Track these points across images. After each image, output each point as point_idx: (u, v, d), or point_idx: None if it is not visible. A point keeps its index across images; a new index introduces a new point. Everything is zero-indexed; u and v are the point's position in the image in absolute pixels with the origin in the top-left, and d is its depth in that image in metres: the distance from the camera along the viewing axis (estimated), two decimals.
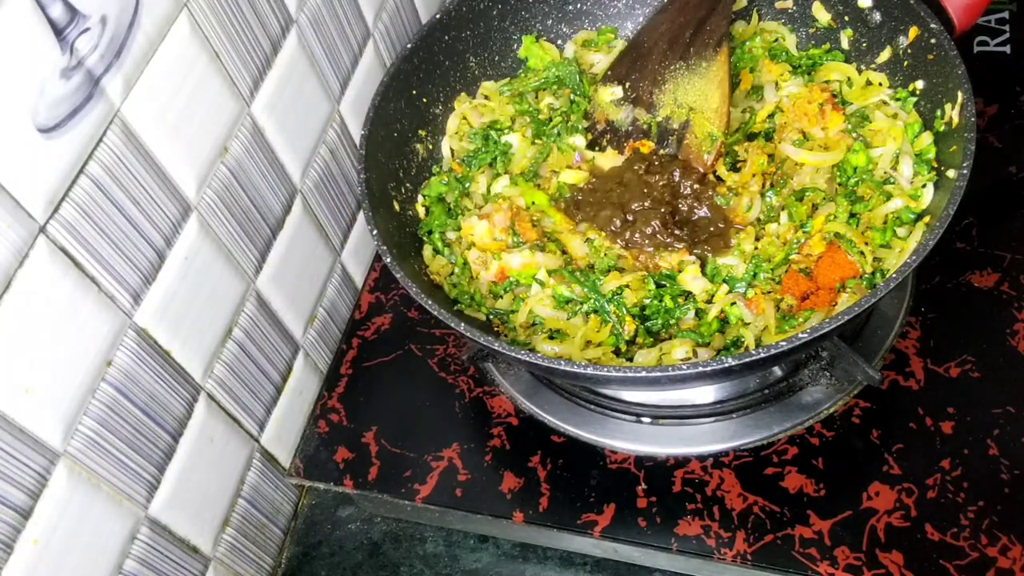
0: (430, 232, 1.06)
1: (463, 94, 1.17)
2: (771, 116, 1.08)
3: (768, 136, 1.07)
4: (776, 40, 1.16)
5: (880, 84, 1.06)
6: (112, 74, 0.76)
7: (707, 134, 1.03)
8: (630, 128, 1.10)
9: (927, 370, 0.98)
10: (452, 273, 1.03)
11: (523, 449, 1.00)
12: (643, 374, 0.79)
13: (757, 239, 0.98)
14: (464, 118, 1.15)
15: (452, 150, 1.15)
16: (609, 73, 1.14)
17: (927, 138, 0.98)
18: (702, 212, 1.01)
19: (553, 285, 0.96)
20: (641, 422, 0.98)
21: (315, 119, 1.08)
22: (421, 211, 1.08)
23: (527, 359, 0.81)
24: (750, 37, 1.16)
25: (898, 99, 1.04)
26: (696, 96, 1.05)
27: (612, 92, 1.11)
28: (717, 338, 0.93)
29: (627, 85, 1.11)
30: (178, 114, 0.84)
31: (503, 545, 1.05)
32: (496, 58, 1.20)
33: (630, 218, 0.99)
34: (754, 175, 1.02)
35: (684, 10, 1.10)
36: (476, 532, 1.06)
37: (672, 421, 0.98)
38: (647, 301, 0.95)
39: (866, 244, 0.93)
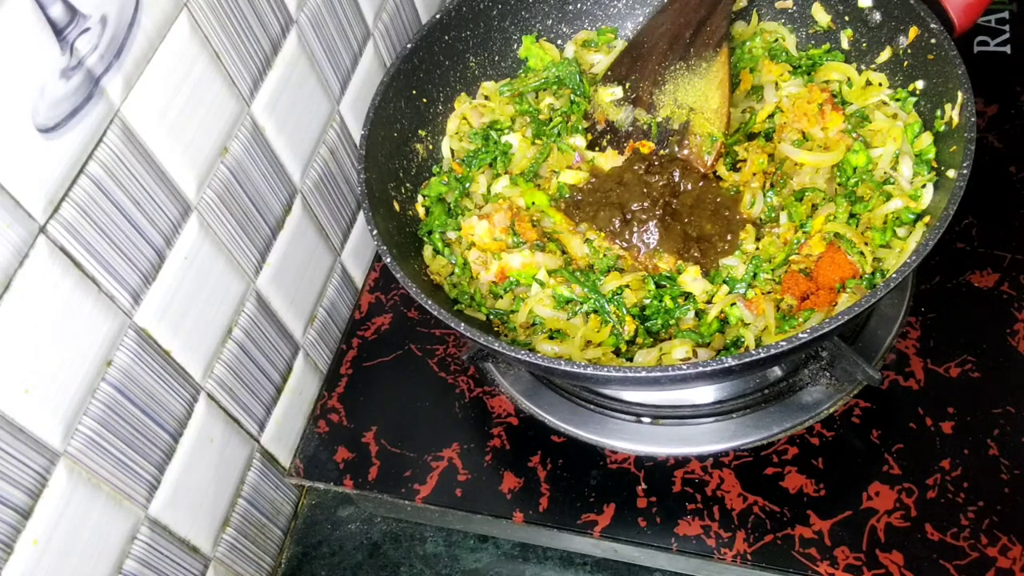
0: (430, 232, 1.06)
1: (463, 94, 1.17)
2: (771, 116, 1.08)
3: (768, 136, 1.07)
4: (776, 40, 1.16)
5: (880, 84, 1.06)
6: (112, 74, 0.76)
7: (707, 134, 1.03)
8: (630, 128, 1.10)
9: (927, 370, 0.98)
10: (452, 273, 1.03)
11: (523, 449, 1.00)
12: (643, 374, 0.79)
13: (758, 239, 0.98)
14: (464, 118, 1.15)
15: (452, 150, 1.15)
16: (609, 73, 1.14)
17: (927, 138, 0.98)
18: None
19: (553, 285, 0.96)
20: (641, 422, 0.98)
21: (315, 119, 1.08)
22: (421, 211, 1.08)
23: (527, 359, 0.81)
24: (750, 37, 1.16)
25: (898, 99, 1.04)
26: (696, 97, 1.05)
27: (612, 92, 1.11)
28: (717, 338, 0.93)
29: (627, 85, 1.11)
30: (178, 114, 0.84)
31: (503, 545, 1.05)
32: (496, 58, 1.20)
33: (629, 217, 0.99)
34: (754, 174, 1.02)
35: (684, 10, 1.10)
36: (476, 532, 1.06)
37: (672, 421, 0.98)
38: (647, 301, 0.95)
39: (866, 244, 0.93)
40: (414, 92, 1.10)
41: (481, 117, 1.15)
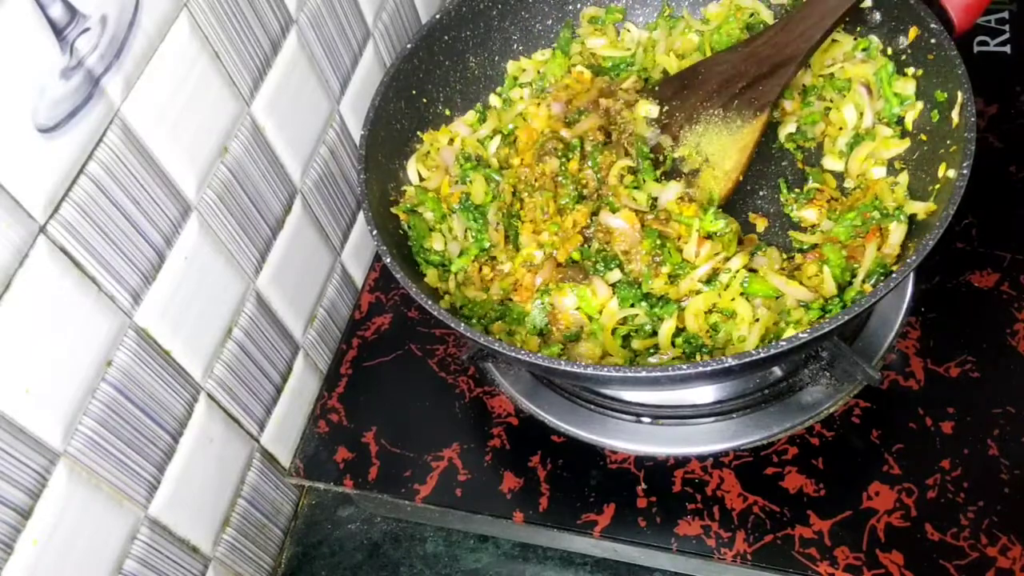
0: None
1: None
2: None
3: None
4: (752, 15, 1.16)
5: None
6: (112, 74, 0.76)
7: (708, 192, 1.02)
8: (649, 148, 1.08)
9: (927, 370, 0.98)
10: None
11: (523, 449, 1.00)
12: (643, 374, 0.79)
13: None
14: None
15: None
16: (656, 89, 1.11)
17: (906, 83, 1.01)
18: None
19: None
20: (641, 422, 0.98)
21: (315, 119, 1.08)
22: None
23: (527, 359, 0.81)
24: (724, 20, 1.15)
25: (864, 48, 1.07)
26: (716, 150, 1.04)
27: (649, 110, 1.08)
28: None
29: (664, 109, 1.09)
30: (178, 114, 0.84)
31: (503, 545, 1.05)
32: (496, 58, 1.20)
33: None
34: None
35: (748, 60, 1.06)
36: (476, 532, 1.06)
37: (672, 421, 0.98)
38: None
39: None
40: (414, 92, 1.10)
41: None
